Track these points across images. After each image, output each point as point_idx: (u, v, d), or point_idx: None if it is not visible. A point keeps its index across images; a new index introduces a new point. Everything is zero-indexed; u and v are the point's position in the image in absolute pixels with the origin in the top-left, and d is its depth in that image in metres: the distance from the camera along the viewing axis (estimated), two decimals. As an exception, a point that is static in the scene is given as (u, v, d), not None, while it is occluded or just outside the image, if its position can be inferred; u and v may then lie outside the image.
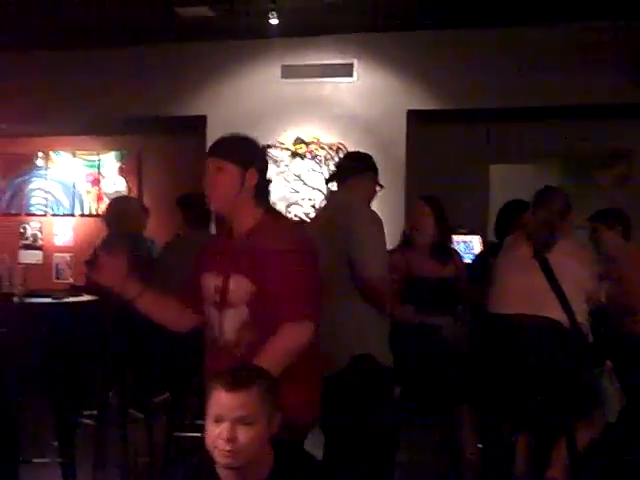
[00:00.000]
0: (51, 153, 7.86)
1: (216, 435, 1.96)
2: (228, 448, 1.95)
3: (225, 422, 1.96)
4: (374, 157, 3.62)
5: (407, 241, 4.10)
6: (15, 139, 7.81)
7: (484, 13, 5.54)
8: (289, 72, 6.19)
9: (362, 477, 3.23)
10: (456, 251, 4.37)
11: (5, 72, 6.56)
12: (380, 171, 3.58)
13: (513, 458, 3.82)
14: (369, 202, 3.51)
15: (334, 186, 3.63)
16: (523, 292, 3.61)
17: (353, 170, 3.49)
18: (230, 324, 2.53)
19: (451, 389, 3.82)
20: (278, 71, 6.21)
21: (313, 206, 6.10)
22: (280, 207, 6.14)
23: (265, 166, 2.64)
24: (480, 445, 3.94)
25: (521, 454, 3.82)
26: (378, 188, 3.54)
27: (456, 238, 4.88)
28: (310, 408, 2.57)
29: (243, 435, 1.96)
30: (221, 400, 1.97)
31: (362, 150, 3.98)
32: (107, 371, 4.32)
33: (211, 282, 2.59)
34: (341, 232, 3.26)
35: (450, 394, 3.84)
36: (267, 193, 2.63)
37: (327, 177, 3.92)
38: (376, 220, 3.35)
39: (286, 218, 2.76)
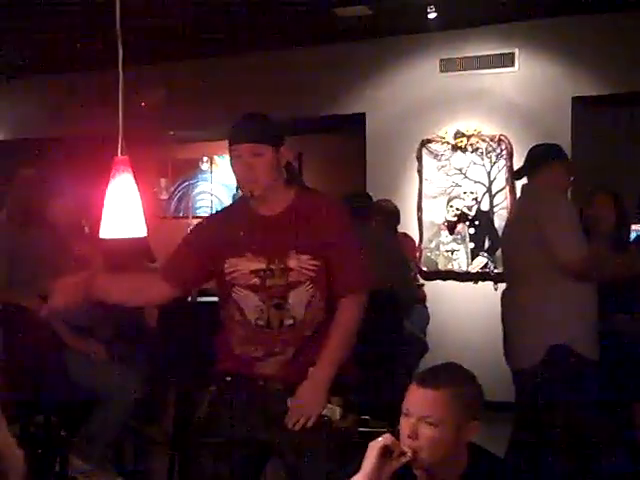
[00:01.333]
0: (215, 157, 8.19)
1: (401, 429, 1.97)
2: (408, 443, 1.94)
3: (411, 418, 1.96)
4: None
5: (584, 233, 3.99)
6: (182, 144, 8.21)
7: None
8: (448, 65, 6.14)
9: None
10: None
11: (172, 80, 6.91)
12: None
13: None
14: (563, 191, 3.48)
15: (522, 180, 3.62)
16: None
17: (542, 160, 3.46)
18: (297, 303, 2.48)
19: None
20: (437, 65, 6.18)
21: (475, 199, 6.01)
22: (441, 201, 6.12)
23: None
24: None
25: None
26: (570, 178, 3.50)
27: (634, 227, 4.69)
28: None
29: (425, 434, 1.93)
30: (410, 394, 1.98)
31: (526, 141, 3.93)
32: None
33: (245, 266, 2.50)
34: (534, 221, 3.24)
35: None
36: (295, 169, 2.66)
37: (515, 171, 3.89)
38: (569, 205, 3.32)
39: (320, 192, 2.68)
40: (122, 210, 2.45)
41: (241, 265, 2.51)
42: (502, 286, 3.84)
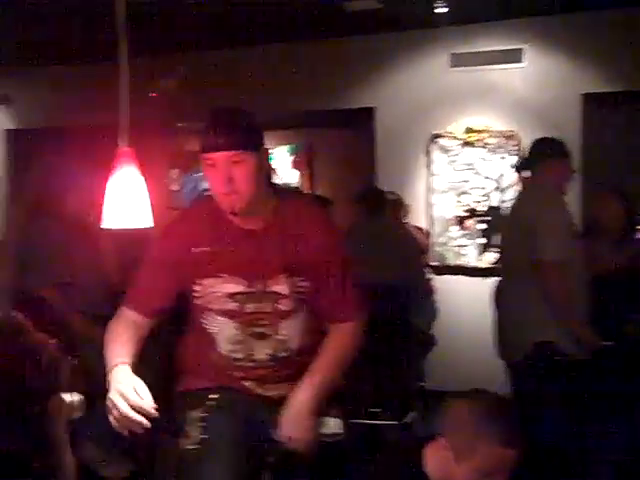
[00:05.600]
0: (226, 149, 8.19)
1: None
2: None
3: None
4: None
5: (590, 232, 4.01)
6: (194, 136, 8.22)
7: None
8: (458, 60, 6.16)
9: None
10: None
11: (183, 71, 6.93)
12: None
13: None
14: (562, 187, 3.48)
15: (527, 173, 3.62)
16: None
17: (544, 155, 3.47)
18: (293, 335, 2.20)
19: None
20: (447, 60, 6.19)
21: (484, 195, 6.04)
22: (451, 196, 6.14)
23: None
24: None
25: None
26: (571, 173, 3.52)
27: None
28: None
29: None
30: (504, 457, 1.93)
31: (535, 137, 3.93)
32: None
33: (220, 288, 2.15)
34: (528, 218, 3.25)
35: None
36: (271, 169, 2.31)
37: (518, 164, 3.90)
38: (561, 206, 3.32)
39: (303, 195, 2.34)
40: (126, 201, 2.35)
41: (215, 287, 2.16)
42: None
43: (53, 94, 7.51)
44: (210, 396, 2.24)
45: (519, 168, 3.79)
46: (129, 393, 2.03)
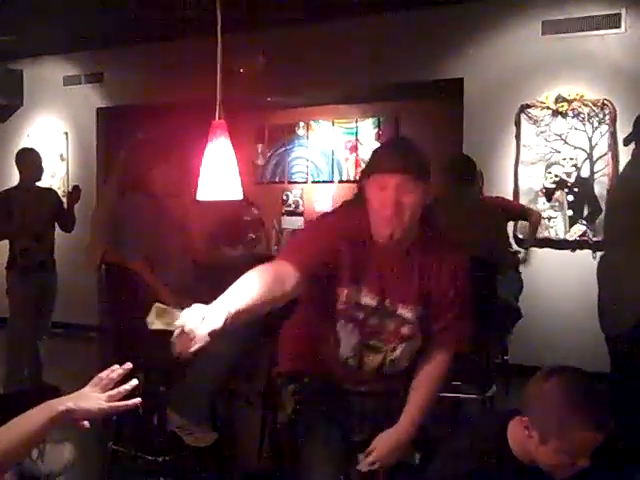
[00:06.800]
0: (312, 122, 8.23)
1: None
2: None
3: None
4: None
5: None
6: (279, 110, 8.28)
7: None
8: (550, 27, 5.96)
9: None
10: None
11: (271, 47, 6.96)
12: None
13: None
14: None
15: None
16: None
17: None
18: (405, 357, 2.33)
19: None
20: (538, 27, 6.00)
21: (575, 165, 5.86)
22: (540, 168, 5.99)
23: None
24: None
25: None
26: None
27: None
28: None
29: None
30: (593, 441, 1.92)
31: (631, 106, 3.78)
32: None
33: (352, 297, 2.25)
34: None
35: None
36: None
37: (625, 137, 3.78)
38: None
39: (446, 235, 2.35)
40: (219, 173, 2.50)
41: (353, 295, 2.26)
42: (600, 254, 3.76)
43: (144, 71, 7.66)
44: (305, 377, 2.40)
45: (627, 140, 3.66)
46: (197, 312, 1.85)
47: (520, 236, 6.02)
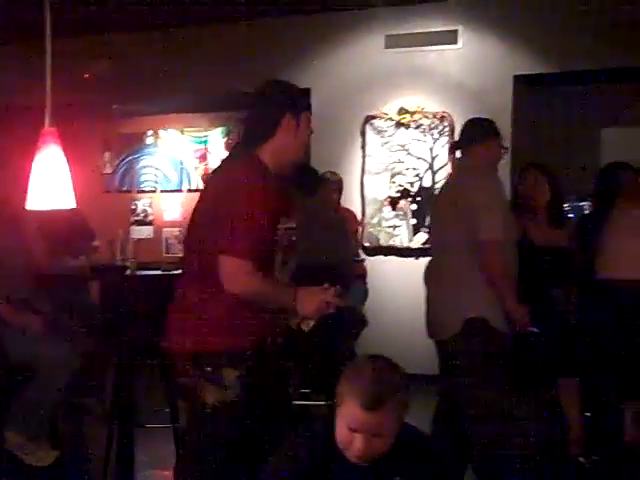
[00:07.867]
0: (160, 131, 8.10)
1: (348, 440, 1.97)
2: (360, 455, 1.96)
3: (360, 434, 1.95)
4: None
5: (519, 208, 4.05)
6: (127, 119, 8.09)
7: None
8: (393, 42, 6.16)
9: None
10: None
11: (118, 53, 6.80)
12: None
13: (622, 427, 3.76)
14: (494, 167, 3.53)
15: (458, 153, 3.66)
16: (637, 256, 3.55)
17: (476, 136, 3.50)
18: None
19: (559, 362, 3.79)
20: (382, 41, 6.19)
21: (417, 175, 6.07)
22: (384, 177, 6.16)
23: None
24: (588, 414, 3.90)
25: (630, 422, 3.75)
26: (502, 151, 3.55)
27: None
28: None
29: (377, 445, 1.96)
30: (357, 417, 1.94)
31: (468, 118, 3.95)
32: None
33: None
34: (463, 197, 3.28)
35: (557, 367, 3.80)
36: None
37: (451, 145, 3.93)
38: (496, 185, 3.36)
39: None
40: (49, 181, 2.42)
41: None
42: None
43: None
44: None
45: (452, 149, 3.82)
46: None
47: (367, 244, 6.16)
